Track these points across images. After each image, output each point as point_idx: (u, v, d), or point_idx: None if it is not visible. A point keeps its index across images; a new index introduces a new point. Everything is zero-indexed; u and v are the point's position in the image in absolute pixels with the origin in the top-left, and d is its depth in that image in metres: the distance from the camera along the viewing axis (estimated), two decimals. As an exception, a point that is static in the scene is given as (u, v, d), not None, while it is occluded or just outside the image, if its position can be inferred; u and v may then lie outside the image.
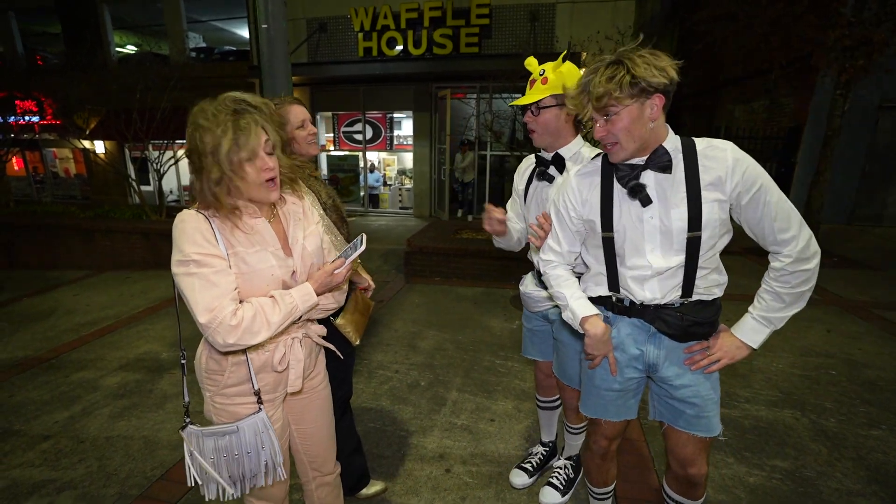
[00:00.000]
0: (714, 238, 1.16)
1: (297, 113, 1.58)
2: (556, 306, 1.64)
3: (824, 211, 6.14)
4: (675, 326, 1.22)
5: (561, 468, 1.98)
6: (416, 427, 2.46)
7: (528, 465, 2.05)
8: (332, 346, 1.38)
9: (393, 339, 3.58)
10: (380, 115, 9.95)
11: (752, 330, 1.22)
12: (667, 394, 1.30)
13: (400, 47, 8.41)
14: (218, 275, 1.04)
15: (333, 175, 10.60)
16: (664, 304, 1.22)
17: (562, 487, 1.92)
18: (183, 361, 1.25)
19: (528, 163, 1.73)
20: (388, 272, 5.53)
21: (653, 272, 1.19)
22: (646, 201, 1.17)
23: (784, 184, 7.24)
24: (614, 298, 1.30)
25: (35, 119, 10.60)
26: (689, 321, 1.21)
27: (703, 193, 1.13)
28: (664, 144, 1.16)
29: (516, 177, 1.77)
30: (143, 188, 8.83)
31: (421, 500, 1.94)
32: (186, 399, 1.23)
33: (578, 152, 1.57)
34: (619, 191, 1.21)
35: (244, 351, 1.14)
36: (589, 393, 1.41)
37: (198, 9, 10.52)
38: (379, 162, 11.09)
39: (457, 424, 2.48)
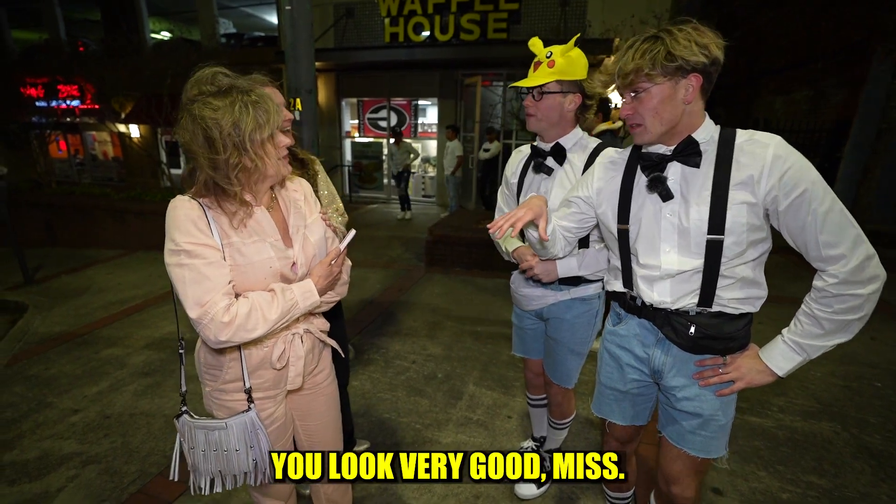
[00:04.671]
0: (740, 245, 1.01)
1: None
2: (552, 304, 1.60)
3: (872, 210, 5.76)
4: (683, 336, 1.10)
5: (540, 460, 1.93)
6: (432, 420, 2.43)
7: None
8: (334, 343, 1.33)
9: (411, 329, 3.56)
10: (405, 102, 9.88)
11: (780, 355, 1.05)
12: (669, 404, 1.20)
13: (427, 33, 8.27)
14: (210, 267, 0.98)
15: (357, 162, 10.63)
16: (677, 310, 1.10)
17: (541, 480, 1.88)
18: (181, 351, 1.22)
19: (521, 155, 1.64)
20: (409, 261, 5.51)
21: (662, 273, 1.09)
22: (666, 196, 1.06)
23: (828, 180, 6.83)
24: (628, 296, 1.21)
25: (76, 103, 11.00)
26: (701, 333, 1.08)
27: (731, 193, 1.00)
28: (696, 134, 1.04)
29: (507, 169, 1.69)
30: (174, 171, 9.07)
31: (434, 496, 1.91)
32: (184, 388, 1.20)
33: (580, 142, 1.49)
34: (640, 181, 1.12)
35: (239, 346, 1.10)
36: (597, 391, 1.37)
37: (228, -6, 10.63)
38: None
39: (472, 419, 2.43)
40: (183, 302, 0.98)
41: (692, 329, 1.08)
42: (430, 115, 10.11)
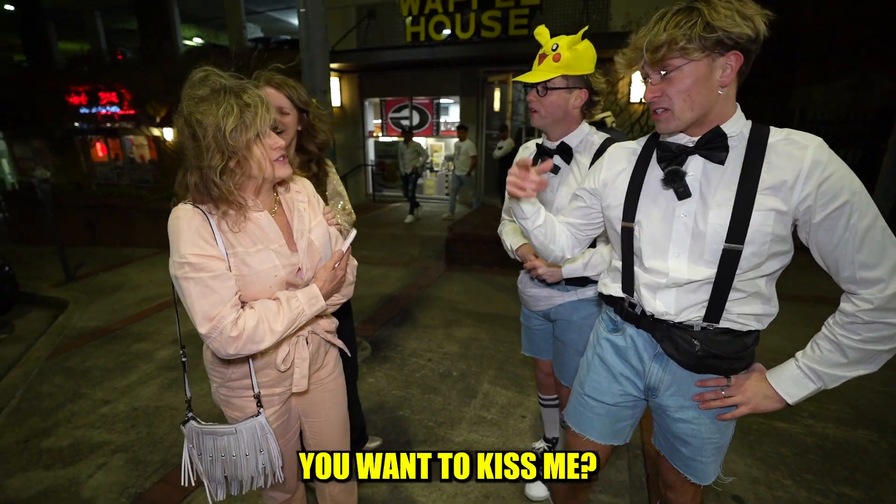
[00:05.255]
0: (759, 257, 0.90)
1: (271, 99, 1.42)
2: (559, 305, 1.54)
3: (921, 205, 5.38)
4: (685, 353, 1.00)
5: None
6: (444, 418, 2.42)
7: None
8: (341, 344, 1.32)
9: (429, 327, 3.57)
10: (427, 101, 9.91)
11: (792, 380, 0.94)
12: (664, 424, 1.11)
13: (448, 31, 8.26)
14: (217, 280, 0.97)
15: (380, 161, 10.73)
16: (680, 324, 0.99)
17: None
18: (184, 360, 1.23)
19: (528, 152, 1.59)
20: (429, 259, 5.52)
21: (669, 281, 0.98)
22: (683, 194, 0.94)
23: (871, 174, 6.43)
24: (626, 302, 1.09)
25: (115, 109, 11.57)
26: (706, 352, 0.98)
27: (758, 198, 0.88)
28: (726, 126, 0.92)
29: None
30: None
31: (443, 494, 1.91)
32: (188, 394, 1.20)
33: (585, 139, 1.43)
34: (653, 175, 1.01)
35: None
36: (575, 401, 1.22)
37: (255, 0, 10.91)
38: (426, 147, 11.06)
39: (486, 418, 2.42)
40: (191, 316, 0.97)
41: (697, 347, 0.99)
42: (453, 113, 10.11)
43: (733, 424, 1.07)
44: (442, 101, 9.98)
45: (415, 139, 8.23)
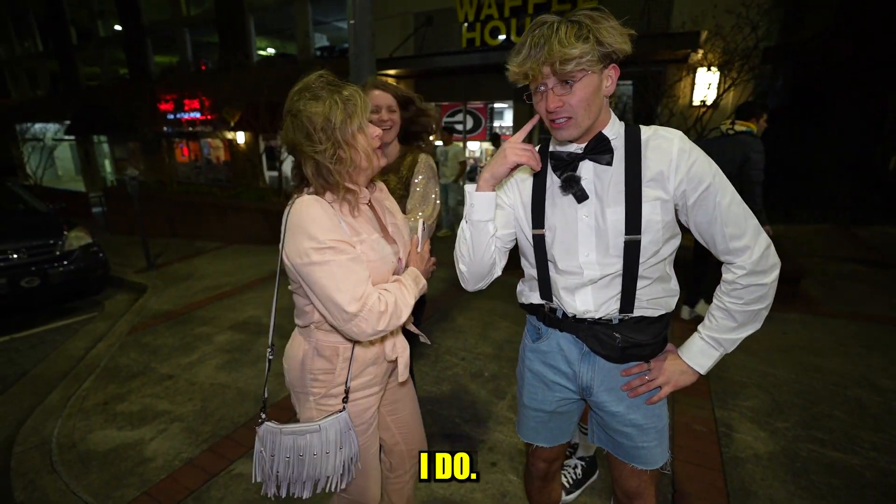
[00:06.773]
0: (656, 244, 1.00)
1: (377, 99, 1.61)
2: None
3: None
4: (609, 347, 1.07)
5: (570, 467, 1.90)
6: (471, 416, 2.46)
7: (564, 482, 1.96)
8: (420, 333, 1.34)
9: (466, 327, 3.62)
10: (481, 106, 9.98)
11: (699, 352, 1.06)
12: (602, 420, 1.16)
13: (503, 36, 8.30)
14: (355, 261, 1.01)
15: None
16: (600, 319, 1.06)
17: (568, 486, 1.85)
18: (270, 357, 1.20)
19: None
20: (472, 262, 5.56)
21: (585, 279, 1.04)
22: (581, 197, 1.01)
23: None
24: (546, 308, 1.14)
25: (196, 115, 12.78)
26: (627, 342, 1.05)
27: (644, 191, 0.97)
28: (606, 131, 1.00)
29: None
30: (271, 174, 10.06)
31: (461, 488, 1.95)
32: (266, 395, 1.18)
33: None
34: (553, 183, 1.06)
35: (353, 345, 1.13)
36: (521, 414, 1.29)
37: (322, 11, 11.57)
38: (481, 152, 11.12)
39: (512, 419, 2.42)
40: (333, 302, 0.97)
41: (618, 339, 1.06)
42: (507, 117, 10.11)
43: (665, 406, 1.13)
44: (496, 105, 10.00)
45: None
